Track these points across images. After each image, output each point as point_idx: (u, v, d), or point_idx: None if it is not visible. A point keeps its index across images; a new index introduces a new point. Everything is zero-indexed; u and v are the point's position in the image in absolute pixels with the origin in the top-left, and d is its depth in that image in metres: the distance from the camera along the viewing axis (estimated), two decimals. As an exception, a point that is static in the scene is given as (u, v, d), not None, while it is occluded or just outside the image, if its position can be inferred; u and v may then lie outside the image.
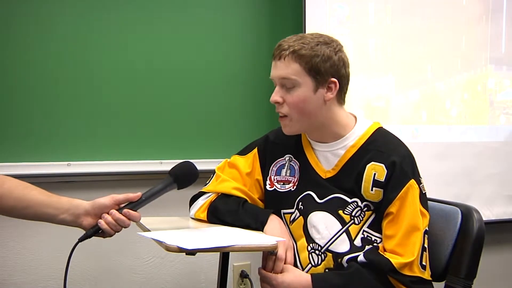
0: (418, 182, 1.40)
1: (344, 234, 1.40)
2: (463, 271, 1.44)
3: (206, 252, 1.54)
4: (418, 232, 1.36)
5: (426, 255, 1.37)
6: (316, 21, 2.24)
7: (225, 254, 1.65)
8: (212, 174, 1.61)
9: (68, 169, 1.98)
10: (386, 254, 1.35)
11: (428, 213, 1.41)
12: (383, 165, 1.39)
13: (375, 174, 1.39)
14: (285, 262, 1.37)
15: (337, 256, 1.39)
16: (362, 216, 1.41)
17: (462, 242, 1.46)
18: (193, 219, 1.57)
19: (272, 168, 1.54)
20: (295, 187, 1.49)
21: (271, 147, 1.56)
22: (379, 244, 1.40)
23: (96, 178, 2.03)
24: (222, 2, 2.21)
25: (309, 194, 1.46)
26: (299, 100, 1.40)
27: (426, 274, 1.37)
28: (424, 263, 1.36)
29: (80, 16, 1.98)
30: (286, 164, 1.53)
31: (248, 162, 1.57)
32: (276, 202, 1.51)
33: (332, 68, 1.39)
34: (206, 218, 1.52)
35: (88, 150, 2.01)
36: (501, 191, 2.64)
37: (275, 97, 1.42)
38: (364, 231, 1.41)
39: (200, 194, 1.59)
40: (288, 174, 1.51)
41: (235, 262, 2.27)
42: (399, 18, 2.41)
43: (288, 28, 2.28)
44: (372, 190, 1.39)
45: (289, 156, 1.53)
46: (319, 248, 1.41)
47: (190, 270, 2.24)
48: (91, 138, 2.02)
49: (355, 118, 1.50)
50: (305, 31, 2.20)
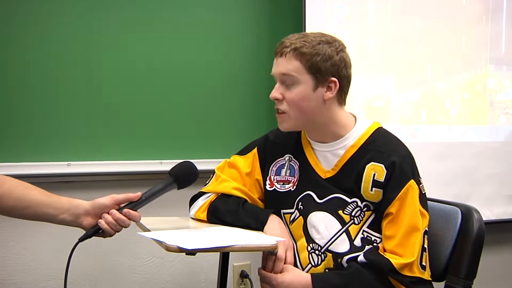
0: (418, 182, 1.40)
1: (344, 234, 1.40)
2: (463, 271, 1.44)
3: (206, 252, 1.54)
4: (418, 233, 1.36)
5: (426, 255, 1.37)
6: (316, 21, 2.24)
7: (225, 254, 1.64)
8: (212, 174, 1.61)
9: (68, 169, 1.98)
10: (386, 255, 1.35)
11: (428, 214, 1.41)
12: (382, 165, 1.39)
13: (374, 174, 1.39)
14: (285, 262, 1.37)
15: (337, 256, 1.39)
16: (362, 216, 1.41)
17: (462, 242, 1.46)
18: (193, 219, 1.57)
19: (272, 168, 1.54)
20: (294, 187, 1.49)
21: (271, 147, 1.56)
22: (379, 244, 1.40)
23: (96, 178, 2.03)
24: (222, 2, 2.21)
25: (309, 194, 1.46)
26: (298, 97, 1.40)
27: (426, 274, 1.37)
28: (424, 264, 1.36)
29: (80, 16, 1.98)
30: (286, 164, 1.53)
31: (248, 162, 1.57)
32: (276, 202, 1.51)
33: (333, 68, 1.39)
34: (206, 218, 1.52)
35: (88, 150, 2.01)
36: (501, 191, 2.64)
37: (275, 93, 1.42)
38: (364, 231, 1.40)
39: (200, 194, 1.58)
40: (288, 174, 1.51)
41: (235, 262, 2.27)
42: (399, 18, 2.41)
43: (288, 28, 2.28)
44: (371, 190, 1.39)
45: (289, 156, 1.53)
46: (319, 248, 1.41)
47: (190, 270, 2.24)
48: (91, 138, 2.02)
49: (355, 118, 1.49)
50: (305, 31, 2.19)
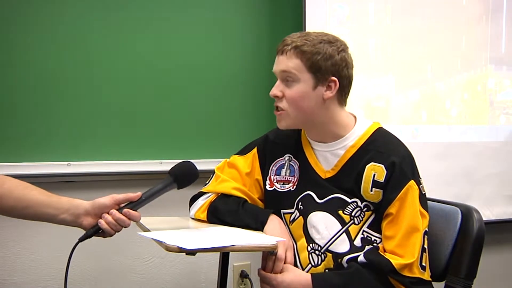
0: (418, 182, 1.40)
1: (344, 234, 1.40)
2: (463, 271, 1.44)
3: (206, 252, 1.54)
4: (418, 233, 1.36)
5: (426, 256, 1.37)
6: (316, 21, 2.24)
7: (225, 254, 1.64)
8: (212, 174, 1.61)
9: (68, 169, 1.98)
10: (386, 255, 1.35)
11: (428, 214, 1.41)
12: (382, 165, 1.39)
13: (374, 175, 1.39)
14: (285, 262, 1.37)
15: (337, 256, 1.39)
16: (362, 216, 1.40)
17: (462, 242, 1.46)
18: (193, 219, 1.57)
19: (271, 168, 1.54)
20: (294, 187, 1.49)
21: (270, 147, 1.56)
22: (379, 245, 1.40)
23: (96, 178, 2.03)
24: (222, 2, 2.21)
25: (308, 194, 1.46)
26: (298, 95, 1.40)
27: (426, 275, 1.37)
28: (424, 264, 1.36)
29: (80, 16, 1.98)
30: (286, 164, 1.53)
31: (248, 162, 1.57)
32: (276, 202, 1.50)
33: (333, 67, 1.39)
34: (206, 218, 1.52)
35: (88, 150, 2.01)
36: (501, 191, 2.64)
37: (275, 91, 1.43)
38: (364, 231, 1.40)
39: (200, 194, 1.58)
40: (288, 174, 1.51)
41: (235, 262, 2.27)
42: (399, 18, 2.41)
43: (288, 28, 2.27)
44: (371, 190, 1.39)
45: (289, 156, 1.53)
46: (319, 248, 1.41)
47: (190, 270, 2.24)
48: (91, 138, 2.02)
49: (355, 118, 1.49)
50: (305, 31, 2.18)
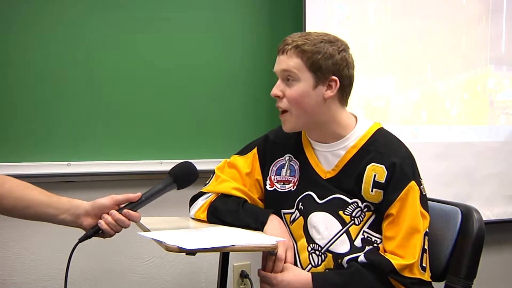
0: (419, 183, 1.40)
1: (344, 234, 1.40)
2: (463, 271, 1.44)
3: (206, 252, 1.54)
4: (418, 234, 1.36)
5: (426, 256, 1.37)
6: (316, 21, 2.24)
7: (225, 254, 1.64)
8: (212, 174, 1.61)
9: (68, 169, 1.97)
10: (386, 255, 1.35)
11: (429, 215, 1.41)
12: (383, 166, 1.39)
13: (375, 175, 1.39)
14: (285, 262, 1.37)
15: (337, 256, 1.38)
16: (362, 216, 1.40)
17: (462, 242, 1.46)
18: (193, 219, 1.57)
19: (272, 168, 1.54)
20: (295, 187, 1.49)
21: (271, 147, 1.56)
22: (379, 245, 1.40)
23: (96, 178, 2.03)
24: (222, 2, 2.21)
25: (309, 194, 1.46)
26: (298, 94, 1.39)
27: (426, 275, 1.37)
28: (424, 265, 1.36)
29: (80, 16, 1.98)
30: (286, 164, 1.52)
31: (248, 162, 1.57)
32: (276, 202, 1.50)
33: (334, 67, 1.39)
34: (206, 218, 1.52)
35: (88, 150, 2.01)
36: (501, 191, 2.64)
37: (275, 90, 1.43)
38: (364, 231, 1.40)
39: (200, 194, 1.58)
40: (288, 174, 1.51)
41: (235, 262, 2.27)
42: (399, 18, 2.41)
43: (288, 28, 2.27)
44: (372, 191, 1.39)
45: (289, 156, 1.53)
46: (319, 249, 1.40)
47: (190, 270, 2.24)
48: (91, 138, 2.02)
49: (356, 118, 1.49)
50: (305, 31, 2.19)
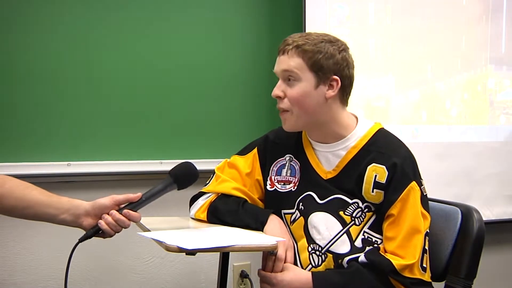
0: (419, 184, 1.40)
1: (345, 235, 1.40)
2: (463, 271, 1.44)
3: (206, 252, 1.54)
4: (419, 235, 1.36)
5: (426, 257, 1.37)
6: (316, 21, 2.24)
7: (225, 254, 1.64)
8: (212, 174, 1.60)
9: (68, 169, 1.97)
10: (387, 255, 1.35)
11: (429, 215, 1.41)
12: (384, 166, 1.39)
13: (376, 176, 1.39)
14: (285, 262, 1.37)
15: (338, 257, 1.38)
16: (363, 217, 1.40)
17: (462, 242, 1.46)
18: (193, 219, 1.57)
19: (272, 168, 1.54)
20: (295, 188, 1.49)
21: (271, 147, 1.56)
22: (379, 245, 1.40)
23: (96, 178, 2.03)
24: (222, 2, 2.21)
25: (309, 194, 1.46)
26: (299, 94, 1.39)
27: (426, 276, 1.37)
28: (424, 265, 1.36)
29: (80, 16, 1.98)
30: (287, 164, 1.52)
31: (248, 162, 1.57)
32: (276, 202, 1.50)
33: (335, 66, 1.39)
34: (206, 218, 1.52)
35: (88, 150, 2.01)
36: (501, 191, 2.64)
37: (276, 91, 1.42)
38: (364, 232, 1.40)
39: (200, 194, 1.58)
40: (288, 174, 1.51)
41: (235, 262, 2.27)
42: (399, 18, 2.41)
43: (288, 28, 2.27)
44: (373, 191, 1.39)
45: (290, 156, 1.53)
46: (320, 249, 1.40)
47: (190, 270, 2.24)
48: (91, 138, 2.02)
49: (357, 118, 1.49)
50: (305, 31, 2.19)
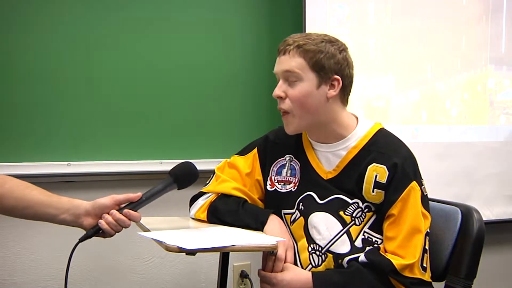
0: (420, 184, 1.40)
1: (345, 235, 1.40)
2: (463, 271, 1.44)
3: (206, 252, 1.54)
4: (419, 235, 1.36)
5: (427, 256, 1.37)
6: (316, 21, 2.24)
7: (225, 254, 1.64)
8: (212, 174, 1.60)
9: (68, 169, 1.97)
10: (387, 255, 1.35)
11: (430, 215, 1.41)
12: (384, 166, 1.39)
13: (376, 176, 1.39)
14: (285, 262, 1.37)
15: (338, 257, 1.38)
16: (363, 217, 1.40)
17: (462, 242, 1.46)
18: (193, 219, 1.57)
19: (272, 168, 1.54)
20: (296, 188, 1.49)
21: (271, 147, 1.56)
22: (380, 245, 1.40)
23: (96, 178, 2.03)
24: (222, 2, 2.21)
25: (309, 194, 1.46)
26: (301, 94, 1.39)
27: (426, 276, 1.37)
28: (425, 265, 1.36)
29: (80, 16, 1.98)
30: (287, 164, 1.52)
31: (248, 162, 1.57)
32: (276, 202, 1.50)
33: (336, 66, 1.39)
34: (206, 219, 1.52)
35: (88, 150, 2.01)
36: (501, 191, 2.64)
37: (277, 91, 1.42)
38: (365, 232, 1.40)
39: (200, 194, 1.58)
40: (289, 175, 1.51)
41: (235, 262, 2.27)
42: (399, 18, 2.41)
43: (288, 28, 2.28)
44: (373, 191, 1.39)
45: (290, 156, 1.53)
46: (320, 249, 1.40)
47: (190, 270, 2.24)
48: (91, 138, 2.02)
49: (357, 119, 1.49)
50: (305, 31, 2.20)
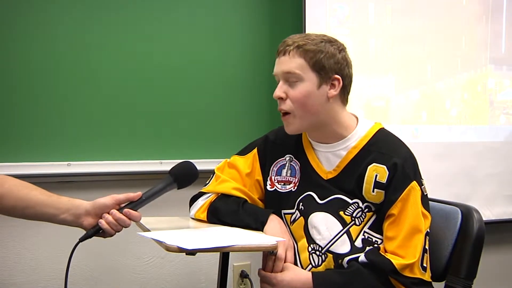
0: (420, 183, 1.40)
1: (345, 235, 1.40)
2: (463, 271, 1.44)
3: (206, 252, 1.54)
4: (419, 234, 1.36)
5: (427, 256, 1.37)
6: (316, 21, 2.24)
7: (225, 254, 1.64)
8: (212, 174, 1.60)
9: (68, 169, 1.97)
10: (387, 255, 1.35)
11: (430, 215, 1.41)
12: (384, 166, 1.39)
13: (376, 176, 1.39)
14: (285, 262, 1.37)
15: (338, 257, 1.38)
16: (363, 217, 1.40)
17: (462, 242, 1.46)
18: (193, 219, 1.57)
19: (272, 168, 1.54)
20: (296, 188, 1.49)
21: (271, 147, 1.56)
22: (380, 245, 1.40)
23: (96, 178, 2.03)
24: (222, 2, 2.21)
25: (310, 194, 1.46)
26: (302, 94, 1.39)
27: (426, 275, 1.37)
28: (425, 265, 1.36)
29: (80, 16, 1.98)
30: (287, 165, 1.52)
31: (248, 162, 1.57)
32: (276, 202, 1.50)
33: (336, 66, 1.40)
34: (206, 219, 1.52)
35: (88, 150, 2.01)
36: (501, 191, 2.64)
37: (278, 92, 1.41)
38: (365, 232, 1.40)
39: (200, 194, 1.58)
40: (289, 175, 1.51)
41: (235, 262, 2.27)
42: (399, 18, 2.41)
43: (288, 28, 2.28)
44: (373, 191, 1.39)
45: (290, 156, 1.53)
46: (320, 249, 1.40)
47: (190, 270, 2.24)
48: (91, 138, 2.02)
49: (357, 119, 1.49)
50: (305, 31, 2.20)
